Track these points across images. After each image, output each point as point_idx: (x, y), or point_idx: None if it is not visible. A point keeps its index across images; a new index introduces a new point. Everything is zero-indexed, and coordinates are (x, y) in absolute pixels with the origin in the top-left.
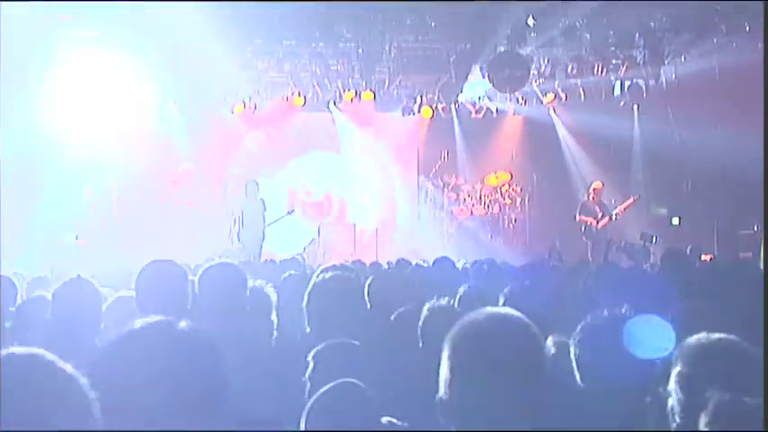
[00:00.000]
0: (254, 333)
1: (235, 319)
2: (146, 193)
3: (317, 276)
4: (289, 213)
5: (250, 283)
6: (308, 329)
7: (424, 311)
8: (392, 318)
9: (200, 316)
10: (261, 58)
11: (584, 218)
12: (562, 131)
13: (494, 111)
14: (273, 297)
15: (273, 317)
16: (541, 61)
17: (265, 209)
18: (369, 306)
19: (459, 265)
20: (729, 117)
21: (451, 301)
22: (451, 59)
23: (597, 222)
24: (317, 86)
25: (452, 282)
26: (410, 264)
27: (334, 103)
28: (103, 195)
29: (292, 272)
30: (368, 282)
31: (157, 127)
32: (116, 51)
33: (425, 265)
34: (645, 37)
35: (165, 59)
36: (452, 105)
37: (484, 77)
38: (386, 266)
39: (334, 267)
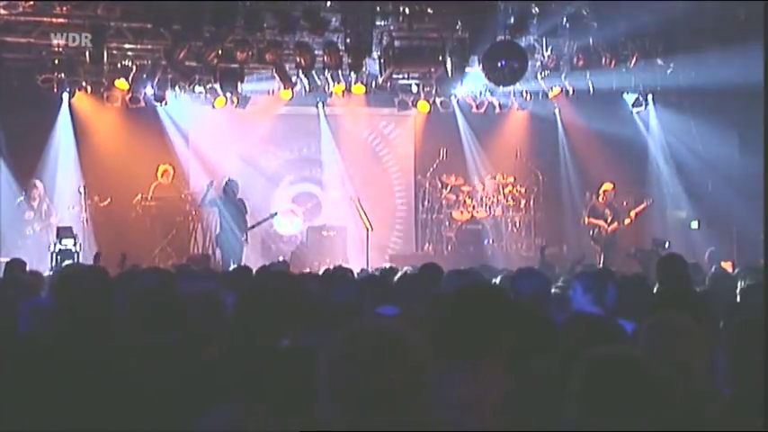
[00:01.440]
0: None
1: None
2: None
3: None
4: (272, 216)
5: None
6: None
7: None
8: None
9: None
10: (241, 48)
11: (593, 221)
12: (570, 128)
13: (496, 106)
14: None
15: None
16: (545, 52)
17: (247, 210)
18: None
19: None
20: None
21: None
22: (448, 50)
23: (608, 226)
24: (303, 79)
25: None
26: (395, 272)
27: (323, 101)
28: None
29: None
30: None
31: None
32: None
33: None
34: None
35: None
36: (451, 100)
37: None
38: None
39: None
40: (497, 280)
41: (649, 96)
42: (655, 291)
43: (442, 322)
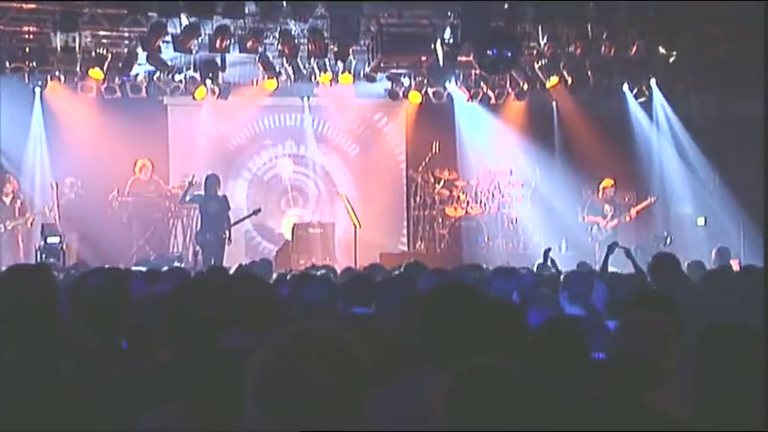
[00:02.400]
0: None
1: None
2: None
3: None
4: (254, 213)
5: None
6: None
7: None
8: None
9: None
10: (221, 35)
11: (591, 218)
12: (568, 120)
13: (492, 96)
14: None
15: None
16: (542, 39)
17: (229, 207)
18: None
19: None
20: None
21: None
22: (439, 37)
23: (607, 223)
24: (287, 68)
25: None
26: (382, 270)
27: (308, 92)
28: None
29: None
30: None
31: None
32: None
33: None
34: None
35: None
36: (443, 90)
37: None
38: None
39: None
40: (474, 280)
41: (653, 86)
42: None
43: (407, 325)
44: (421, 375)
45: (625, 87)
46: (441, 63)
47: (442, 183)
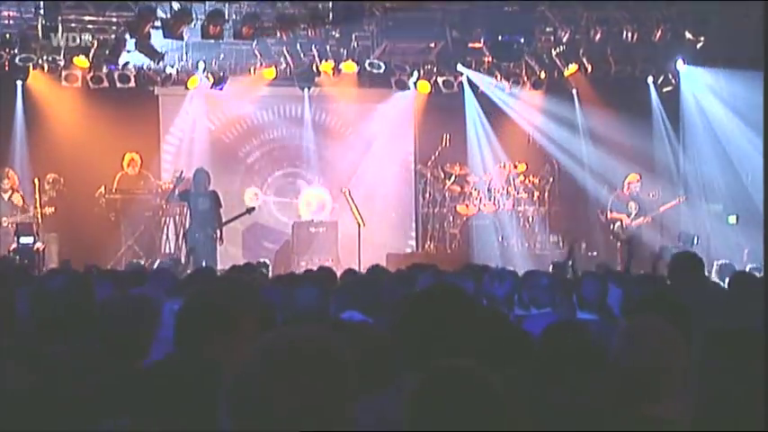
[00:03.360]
0: None
1: None
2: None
3: None
4: (249, 211)
5: None
6: None
7: None
8: None
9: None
10: (215, 21)
11: (615, 215)
12: (589, 110)
13: (506, 85)
14: None
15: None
16: (558, 24)
17: (221, 204)
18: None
19: None
20: None
21: None
22: (449, 22)
23: (631, 221)
24: (287, 55)
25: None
26: (386, 273)
27: (309, 81)
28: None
29: None
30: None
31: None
32: None
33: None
34: None
35: None
36: (453, 79)
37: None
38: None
39: None
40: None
41: (680, 71)
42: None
43: (394, 330)
44: (402, 382)
45: (651, 75)
46: (451, 49)
47: (452, 178)
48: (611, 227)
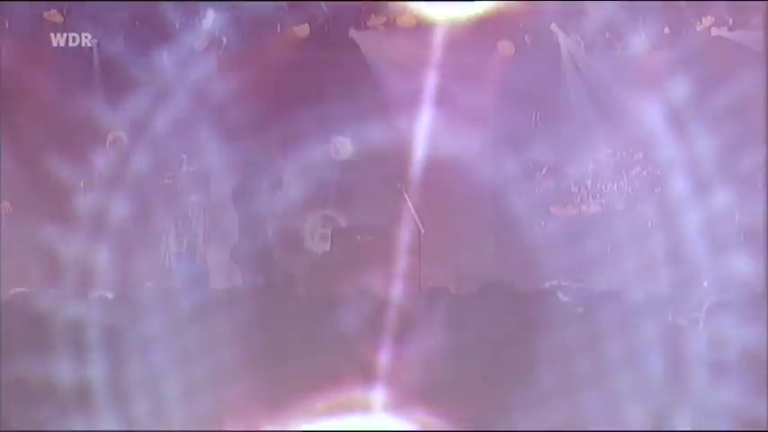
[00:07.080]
0: None
1: None
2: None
3: None
4: None
5: None
6: None
7: None
8: None
9: None
10: None
11: None
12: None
13: (619, 45)
14: None
15: None
16: None
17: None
18: None
19: None
20: None
21: None
22: None
23: None
24: (323, 6)
25: None
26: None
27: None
28: None
29: None
30: None
31: None
32: None
33: None
34: None
35: None
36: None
37: None
38: None
39: None
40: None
41: None
42: None
43: None
44: None
45: None
46: None
47: (544, 170)
48: None
